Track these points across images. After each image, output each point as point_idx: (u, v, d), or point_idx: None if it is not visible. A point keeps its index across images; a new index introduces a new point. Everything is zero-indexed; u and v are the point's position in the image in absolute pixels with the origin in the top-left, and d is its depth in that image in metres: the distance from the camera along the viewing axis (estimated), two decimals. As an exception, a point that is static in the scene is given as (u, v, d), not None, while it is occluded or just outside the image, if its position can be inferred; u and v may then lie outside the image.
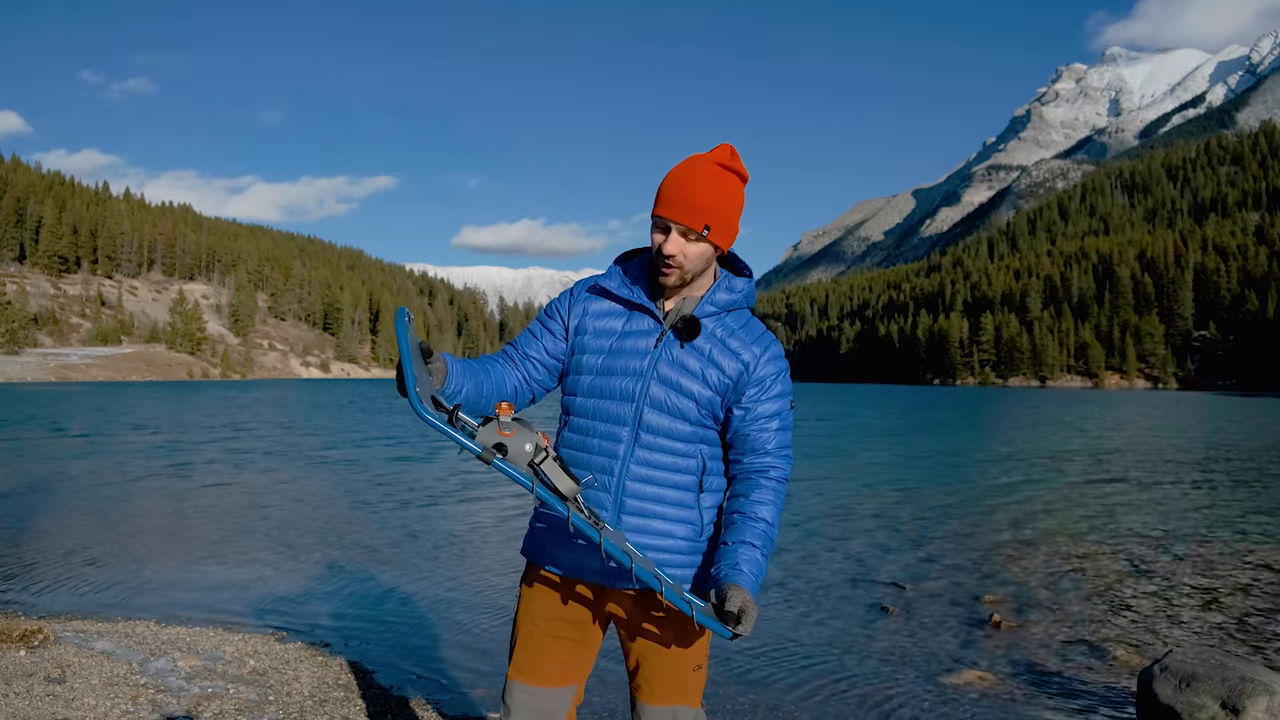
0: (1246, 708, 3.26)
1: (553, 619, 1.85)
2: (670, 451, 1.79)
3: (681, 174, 1.73)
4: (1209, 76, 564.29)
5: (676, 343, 1.80)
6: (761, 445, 1.80)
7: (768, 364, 1.81)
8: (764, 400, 1.80)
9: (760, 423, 1.80)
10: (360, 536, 7.79)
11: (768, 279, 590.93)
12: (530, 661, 1.84)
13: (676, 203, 1.71)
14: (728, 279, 1.86)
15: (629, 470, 1.76)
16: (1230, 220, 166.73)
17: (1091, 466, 14.71)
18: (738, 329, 1.83)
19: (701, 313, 1.81)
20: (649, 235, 1.80)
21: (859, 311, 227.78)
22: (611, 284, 1.86)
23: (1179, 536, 8.15)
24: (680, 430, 1.79)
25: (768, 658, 4.52)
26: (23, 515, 8.58)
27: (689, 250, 1.74)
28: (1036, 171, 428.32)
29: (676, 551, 1.80)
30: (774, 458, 1.81)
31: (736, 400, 1.81)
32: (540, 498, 1.59)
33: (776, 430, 1.81)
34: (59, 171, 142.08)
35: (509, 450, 1.56)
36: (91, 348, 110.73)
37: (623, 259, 1.93)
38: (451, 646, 4.66)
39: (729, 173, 1.75)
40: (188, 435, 19.66)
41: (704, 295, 1.83)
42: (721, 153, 1.77)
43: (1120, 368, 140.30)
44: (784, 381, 1.84)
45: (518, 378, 1.90)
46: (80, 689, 3.49)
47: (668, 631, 1.83)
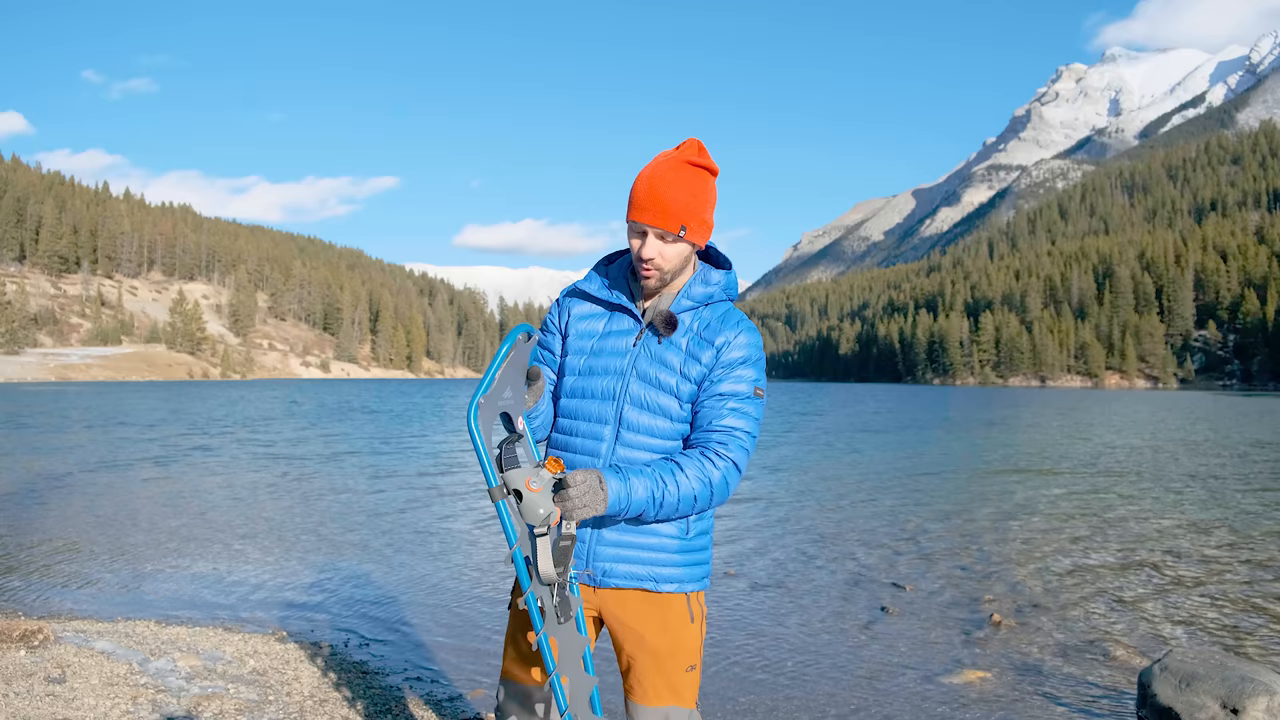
0: (1246, 708, 3.26)
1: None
2: (651, 449, 1.78)
3: (652, 177, 1.73)
4: (1209, 76, 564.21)
5: (655, 339, 1.81)
6: (710, 422, 1.76)
7: (737, 349, 1.79)
8: (725, 381, 1.78)
9: (716, 401, 1.77)
10: (360, 536, 7.79)
11: (767, 279, 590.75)
12: (522, 660, 1.86)
13: (650, 207, 1.71)
14: (705, 272, 1.87)
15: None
16: (1230, 220, 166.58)
17: (1091, 466, 14.71)
18: (715, 320, 1.82)
19: (678, 308, 1.82)
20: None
21: (859, 311, 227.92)
22: (591, 287, 1.89)
23: (1179, 536, 8.15)
24: (661, 427, 1.79)
25: (767, 658, 4.52)
26: (22, 515, 8.58)
27: (667, 252, 1.75)
28: (1036, 171, 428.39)
29: (664, 550, 1.80)
30: (721, 435, 1.75)
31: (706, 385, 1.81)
32: (515, 560, 1.61)
33: (731, 410, 1.76)
34: (59, 171, 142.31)
35: (523, 503, 1.54)
36: (91, 348, 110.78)
37: (605, 261, 1.95)
38: (451, 646, 4.66)
39: (699, 169, 1.75)
40: (188, 435, 19.66)
41: (680, 290, 1.85)
42: (689, 149, 1.77)
43: (1120, 368, 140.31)
44: (752, 368, 1.80)
45: (548, 407, 1.92)
46: (80, 689, 3.49)
47: (659, 632, 1.82)
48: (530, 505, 1.55)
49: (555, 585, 1.62)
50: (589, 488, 1.59)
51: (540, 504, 1.55)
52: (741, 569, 6.56)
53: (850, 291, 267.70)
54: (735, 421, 1.76)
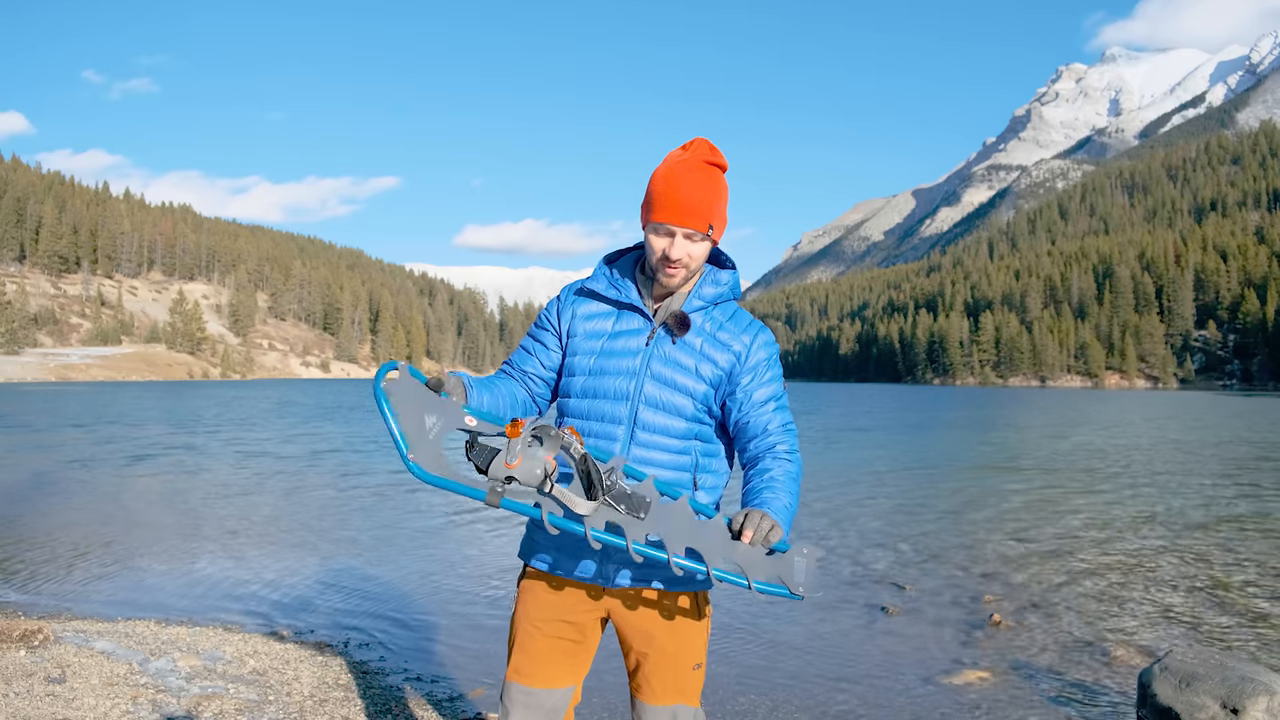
0: (1246, 708, 3.25)
1: (550, 620, 1.84)
2: (665, 449, 1.80)
3: (674, 177, 1.75)
4: (1209, 76, 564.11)
5: (668, 339, 1.82)
6: (764, 427, 1.82)
7: (759, 350, 1.84)
8: (760, 386, 1.83)
9: (760, 408, 1.82)
10: (360, 536, 7.79)
11: (767, 279, 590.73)
12: (528, 663, 1.83)
13: (678, 207, 1.73)
14: (713, 272, 1.89)
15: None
16: (1230, 220, 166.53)
17: (1092, 466, 14.71)
18: (726, 321, 1.86)
19: (690, 308, 1.84)
20: (642, 237, 1.83)
21: (859, 311, 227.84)
22: (599, 285, 1.88)
23: (1179, 536, 8.14)
24: (675, 427, 1.80)
25: (768, 658, 4.52)
26: (22, 515, 8.58)
27: (694, 251, 1.77)
28: (1036, 171, 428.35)
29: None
30: (778, 436, 1.82)
31: (731, 391, 1.83)
32: (555, 526, 1.55)
33: (775, 410, 1.84)
34: (59, 171, 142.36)
35: (520, 478, 1.51)
36: (91, 348, 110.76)
37: (607, 260, 1.94)
38: (451, 646, 4.66)
39: (714, 167, 1.78)
40: (187, 435, 19.66)
41: (691, 290, 1.86)
42: (702, 149, 1.79)
43: (1120, 368, 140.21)
44: (775, 365, 1.87)
45: (524, 393, 1.91)
46: (80, 689, 3.49)
47: (667, 631, 1.83)
48: (526, 474, 1.51)
49: (608, 495, 1.58)
50: (752, 516, 1.61)
51: (533, 468, 1.52)
52: (741, 569, 6.56)
53: (850, 291, 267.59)
54: (785, 418, 1.85)
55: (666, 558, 1.58)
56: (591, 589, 1.83)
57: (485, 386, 1.78)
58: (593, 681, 3.80)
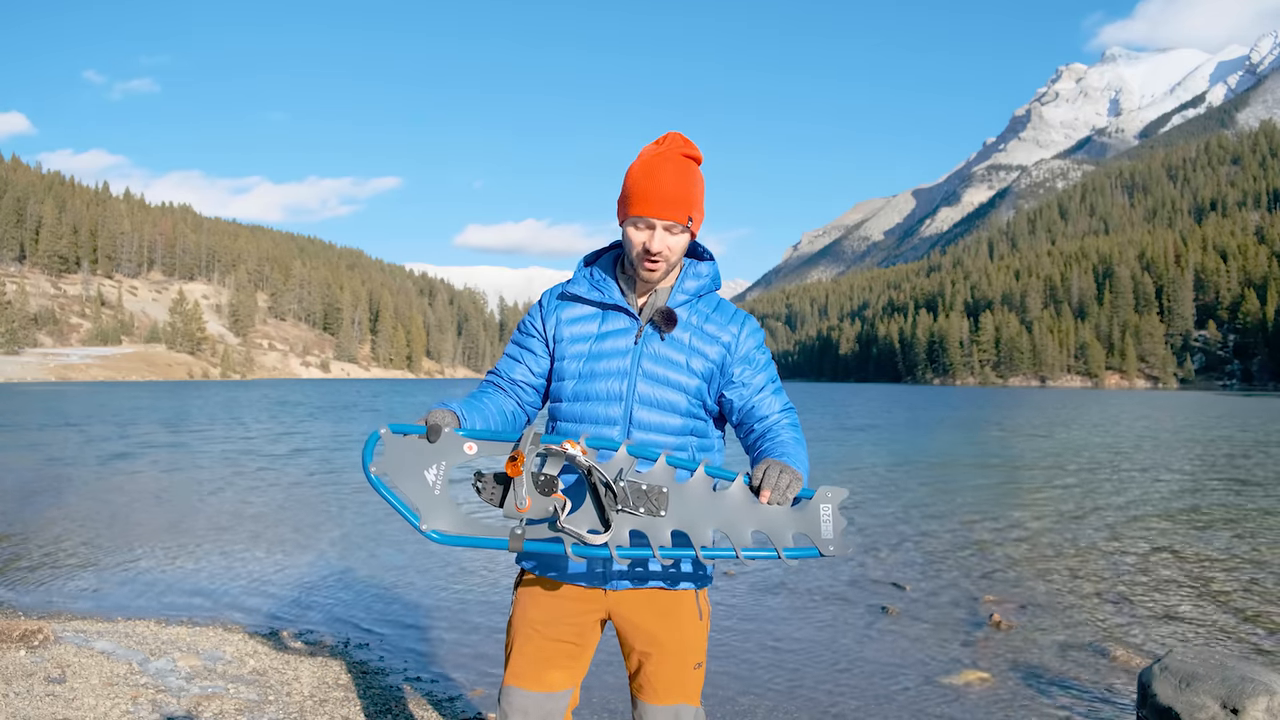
0: (1246, 708, 3.25)
1: (549, 623, 1.82)
2: (663, 446, 1.80)
3: (653, 170, 1.74)
4: (1209, 76, 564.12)
5: (656, 336, 1.82)
6: (768, 410, 1.86)
7: (748, 339, 1.87)
8: (756, 373, 1.87)
9: (759, 393, 1.86)
10: (360, 537, 7.79)
11: (767, 279, 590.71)
12: (527, 667, 1.82)
13: (657, 200, 1.73)
14: (693, 265, 1.89)
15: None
16: (1230, 220, 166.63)
17: (1092, 466, 14.71)
18: (711, 313, 1.87)
19: (675, 303, 1.84)
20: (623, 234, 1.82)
21: (859, 311, 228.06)
22: (580, 288, 1.87)
23: (1179, 536, 8.14)
24: (671, 424, 1.81)
25: (768, 658, 4.52)
26: (22, 515, 8.58)
27: (673, 244, 1.77)
28: (1036, 171, 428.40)
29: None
30: (780, 415, 1.86)
31: (727, 382, 1.85)
32: (580, 555, 1.55)
33: (773, 394, 1.88)
34: (59, 171, 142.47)
35: (534, 518, 1.50)
36: (91, 348, 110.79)
37: (585, 262, 1.93)
38: (451, 646, 4.66)
39: (690, 160, 1.79)
40: (187, 435, 19.66)
41: (674, 285, 1.86)
42: (677, 141, 1.80)
43: (1120, 368, 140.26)
44: (765, 351, 1.91)
45: (512, 405, 1.90)
46: (80, 689, 3.49)
47: (669, 630, 1.83)
48: (539, 515, 1.54)
49: (623, 502, 1.57)
50: (772, 467, 1.62)
51: (544, 505, 1.54)
52: (741, 569, 6.55)
53: (850, 291, 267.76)
54: (784, 400, 1.90)
55: (695, 554, 1.56)
56: (591, 591, 1.81)
57: (473, 409, 1.76)
58: (593, 682, 3.80)
